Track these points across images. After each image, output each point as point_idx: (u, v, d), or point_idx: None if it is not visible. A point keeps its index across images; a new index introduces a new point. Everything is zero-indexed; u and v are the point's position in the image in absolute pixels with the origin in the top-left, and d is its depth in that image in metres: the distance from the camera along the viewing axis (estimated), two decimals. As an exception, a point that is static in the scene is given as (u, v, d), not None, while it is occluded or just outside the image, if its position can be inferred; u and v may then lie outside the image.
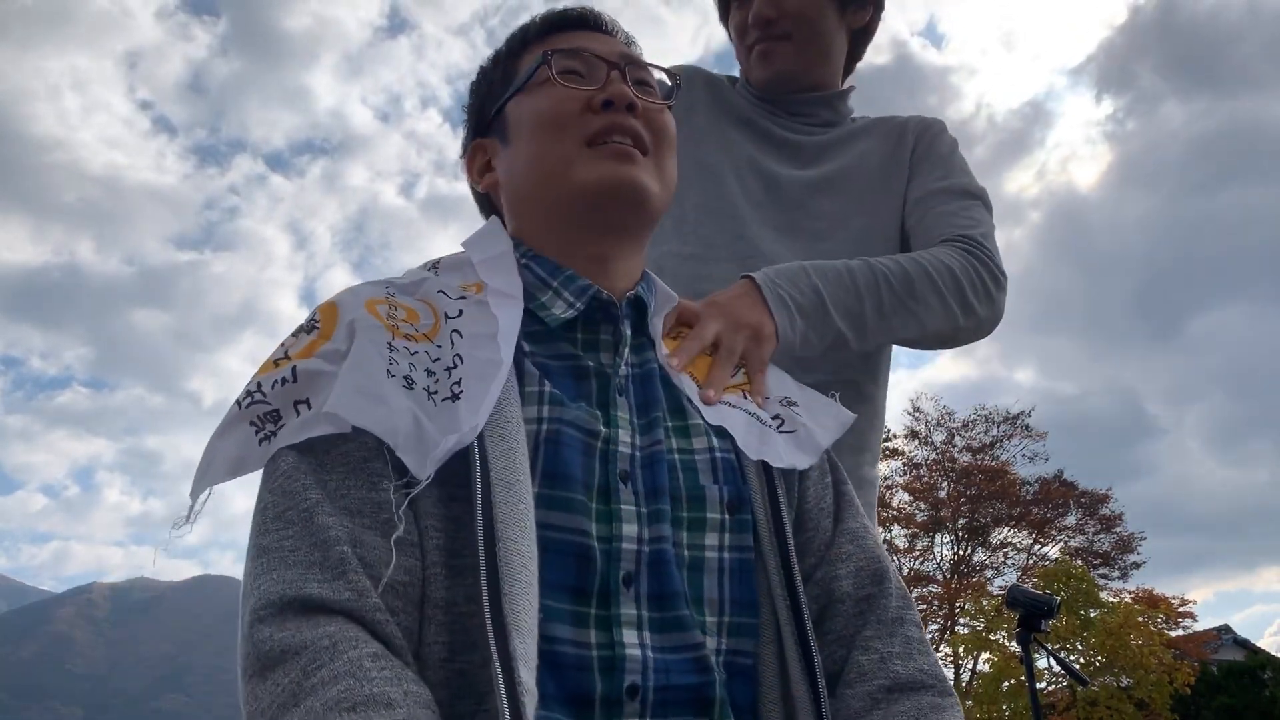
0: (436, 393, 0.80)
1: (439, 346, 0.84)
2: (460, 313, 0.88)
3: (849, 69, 1.59)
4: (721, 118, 1.52)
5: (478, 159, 1.04)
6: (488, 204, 1.06)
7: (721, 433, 0.95)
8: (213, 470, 0.79)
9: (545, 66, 0.96)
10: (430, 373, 0.82)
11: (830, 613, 0.92)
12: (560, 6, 1.03)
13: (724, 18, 1.57)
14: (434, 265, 1.00)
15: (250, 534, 0.77)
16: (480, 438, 0.78)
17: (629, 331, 0.95)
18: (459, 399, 0.80)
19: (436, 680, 0.72)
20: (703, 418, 0.95)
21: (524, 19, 1.04)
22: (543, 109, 0.95)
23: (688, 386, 0.97)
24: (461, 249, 1.01)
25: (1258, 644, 23.84)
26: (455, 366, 0.82)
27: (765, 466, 0.94)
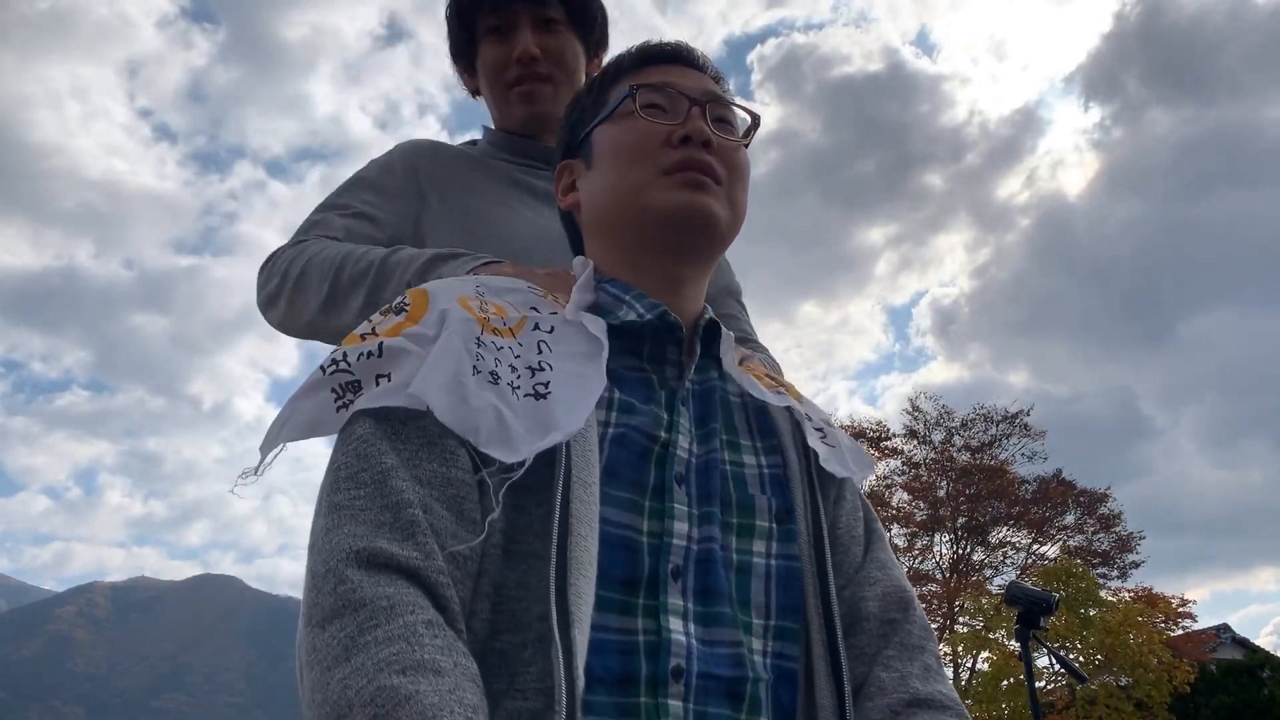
0: (519, 388, 0.84)
1: (520, 344, 0.89)
2: (552, 329, 0.92)
3: None
4: (489, 181, 1.48)
5: (564, 178, 1.10)
6: (570, 221, 1.11)
7: (770, 450, 1.00)
8: (288, 428, 0.83)
9: (630, 100, 1.01)
10: (513, 368, 0.86)
11: (854, 630, 0.96)
12: (655, 40, 1.09)
13: (464, 52, 1.53)
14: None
15: (321, 493, 0.80)
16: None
17: (700, 349, 1.00)
18: (544, 399, 0.84)
19: (475, 656, 0.75)
20: (755, 439, 1.00)
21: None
22: (624, 140, 1.01)
23: (749, 383, 1.02)
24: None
25: (1254, 643, 23.85)
26: (541, 370, 0.87)
27: (810, 483, 0.99)
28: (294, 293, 1.32)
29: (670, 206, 0.97)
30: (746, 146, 1.06)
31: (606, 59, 1.57)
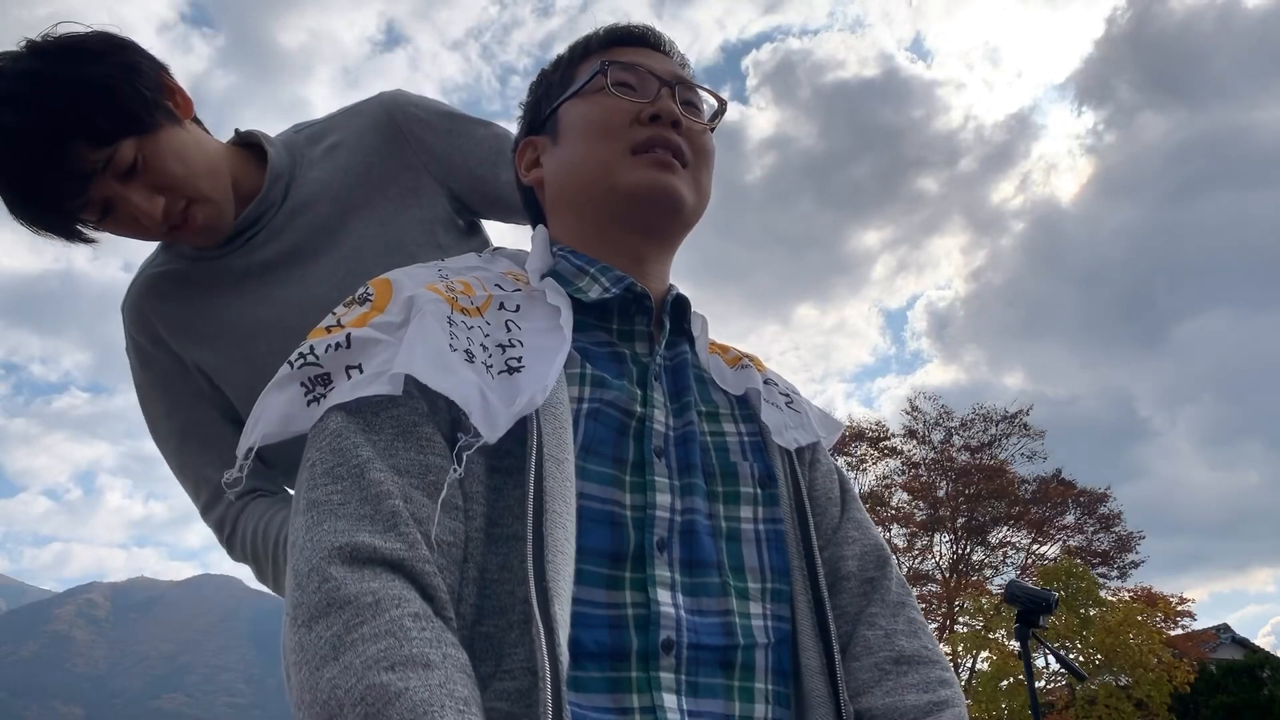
0: (492, 366, 0.84)
1: (488, 323, 0.88)
2: (518, 307, 0.92)
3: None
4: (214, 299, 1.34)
5: (527, 154, 1.09)
6: (531, 198, 1.10)
7: (748, 418, 1.01)
8: (259, 427, 0.81)
9: (601, 75, 1.01)
10: (484, 347, 0.85)
11: (836, 589, 0.98)
12: (624, 23, 1.09)
13: (82, 226, 1.23)
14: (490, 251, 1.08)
15: (298, 491, 0.79)
16: (536, 415, 0.81)
17: (669, 324, 1.00)
18: (518, 373, 0.84)
19: (462, 642, 0.74)
20: (733, 407, 1.01)
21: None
22: (594, 115, 1.01)
23: (714, 368, 1.04)
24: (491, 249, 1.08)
25: (1254, 643, 23.83)
26: (512, 346, 0.87)
27: (786, 448, 1.01)
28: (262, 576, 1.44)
29: (637, 185, 0.97)
30: (713, 131, 1.06)
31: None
